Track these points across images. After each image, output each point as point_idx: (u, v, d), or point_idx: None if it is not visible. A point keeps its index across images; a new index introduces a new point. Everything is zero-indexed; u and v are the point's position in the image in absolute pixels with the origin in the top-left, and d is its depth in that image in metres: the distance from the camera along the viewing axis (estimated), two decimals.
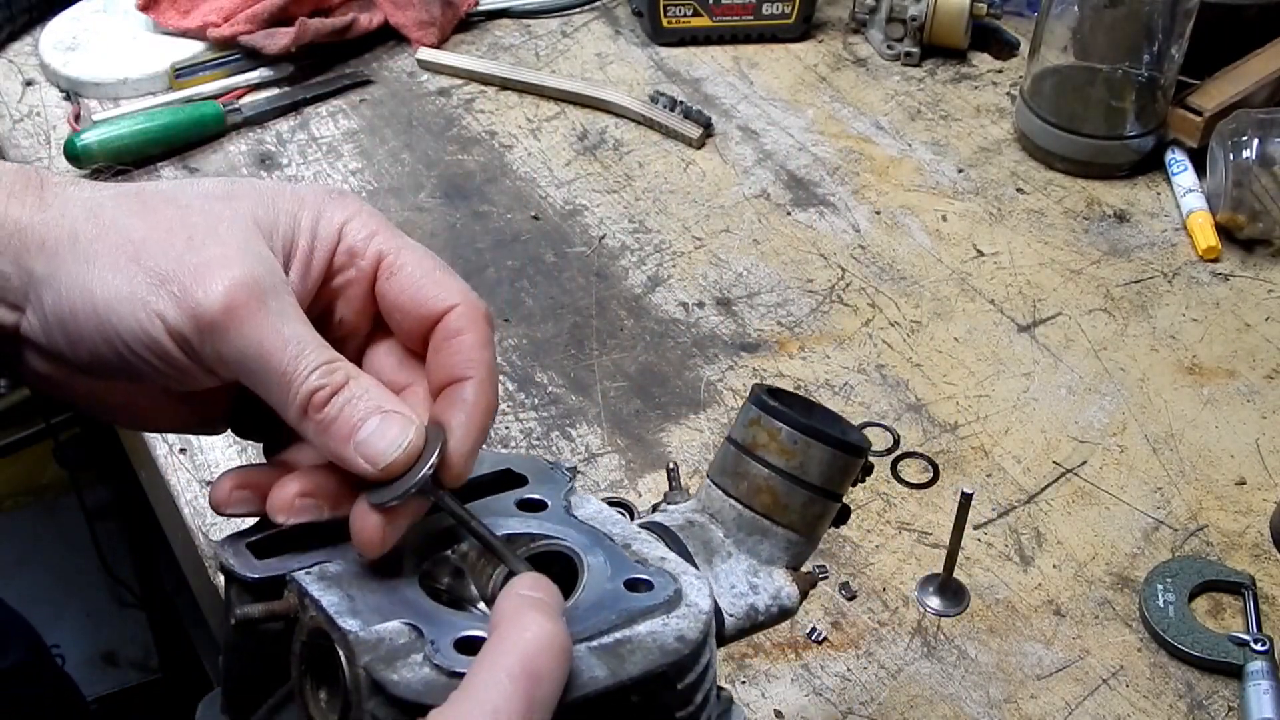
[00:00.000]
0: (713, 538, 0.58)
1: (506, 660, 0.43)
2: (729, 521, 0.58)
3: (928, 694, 0.75)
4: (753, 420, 0.58)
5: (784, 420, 0.57)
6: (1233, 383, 0.96)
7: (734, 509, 0.58)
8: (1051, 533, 0.85)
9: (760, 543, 0.58)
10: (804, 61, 1.30)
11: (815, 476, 0.57)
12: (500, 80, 1.25)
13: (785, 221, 1.10)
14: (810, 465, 0.57)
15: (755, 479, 0.58)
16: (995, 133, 1.20)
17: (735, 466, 0.58)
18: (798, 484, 0.57)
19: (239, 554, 0.51)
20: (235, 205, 0.51)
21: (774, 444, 0.57)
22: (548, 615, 0.45)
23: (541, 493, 0.56)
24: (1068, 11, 1.11)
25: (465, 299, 0.53)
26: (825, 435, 0.57)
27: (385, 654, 0.45)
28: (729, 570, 0.57)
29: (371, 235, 0.53)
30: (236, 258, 0.49)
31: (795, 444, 0.57)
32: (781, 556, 0.58)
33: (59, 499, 1.90)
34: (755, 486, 0.58)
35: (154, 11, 1.26)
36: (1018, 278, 1.04)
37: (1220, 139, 1.08)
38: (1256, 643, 0.76)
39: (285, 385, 0.49)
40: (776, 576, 0.58)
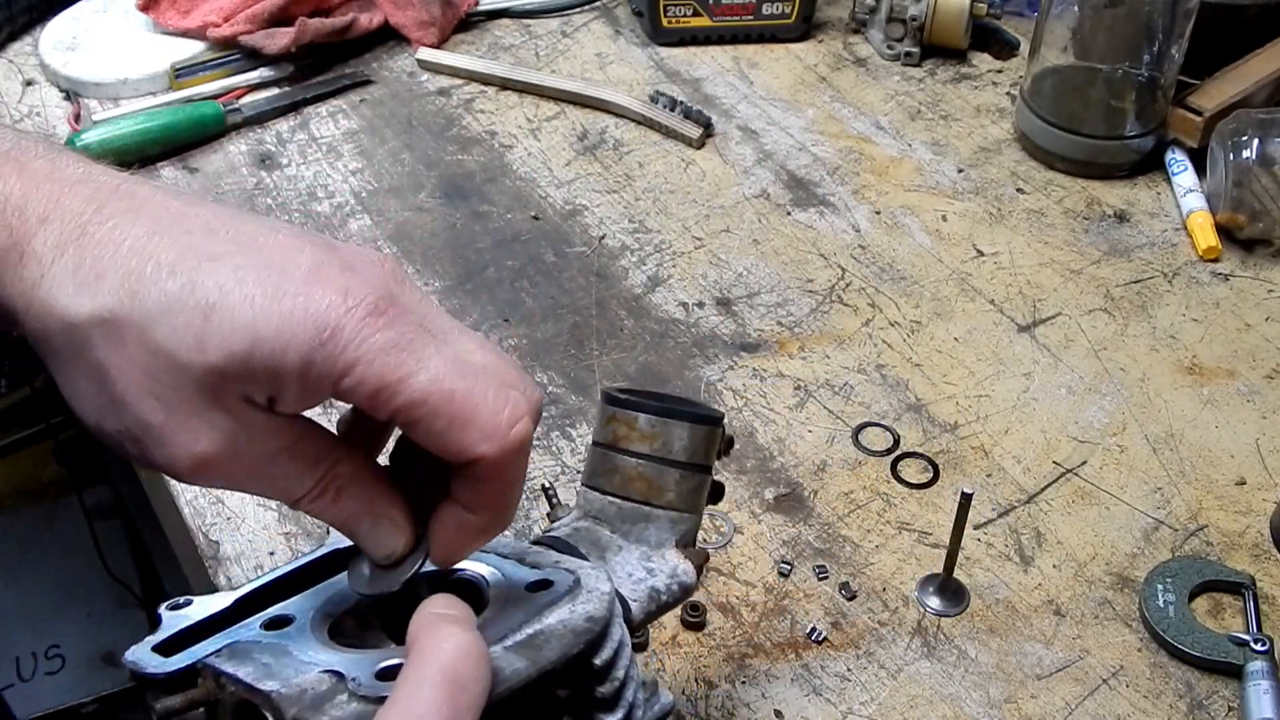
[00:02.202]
0: (600, 536, 0.60)
1: (428, 671, 0.44)
2: (611, 517, 0.61)
3: (928, 694, 0.75)
4: (610, 418, 0.61)
5: (637, 409, 0.60)
6: (1233, 383, 0.96)
7: (613, 504, 0.61)
8: (1051, 533, 0.85)
9: (645, 529, 0.60)
10: (804, 61, 1.30)
11: (680, 453, 0.60)
12: (500, 80, 1.25)
13: (785, 221, 1.10)
14: (672, 443, 0.60)
15: (625, 470, 0.60)
16: (995, 133, 1.20)
17: (604, 465, 0.61)
18: (665, 464, 0.60)
19: (145, 657, 0.51)
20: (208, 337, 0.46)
21: (634, 433, 0.60)
22: (461, 626, 0.46)
23: None
24: (1068, 11, 1.11)
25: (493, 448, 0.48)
26: (679, 412, 0.60)
27: (310, 702, 0.47)
28: (623, 561, 0.59)
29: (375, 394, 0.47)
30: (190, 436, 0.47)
31: (654, 427, 0.60)
32: (669, 537, 0.61)
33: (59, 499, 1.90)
34: (626, 477, 0.60)
35: (154, 11, 1.26)
36: (1018, 278, 1.04)
37: (1220, 139, 1.08)
38: (1256, 643, 0.76)
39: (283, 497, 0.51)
40: (669, 557, 0.61)
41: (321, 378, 0.47)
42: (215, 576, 0.81)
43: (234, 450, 0.48)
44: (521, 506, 0.85)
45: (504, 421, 0.48)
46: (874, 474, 0.88)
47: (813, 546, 0.83)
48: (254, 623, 0.52)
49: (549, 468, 0.88)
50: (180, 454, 0.48)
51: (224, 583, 0.80)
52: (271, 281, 0.46)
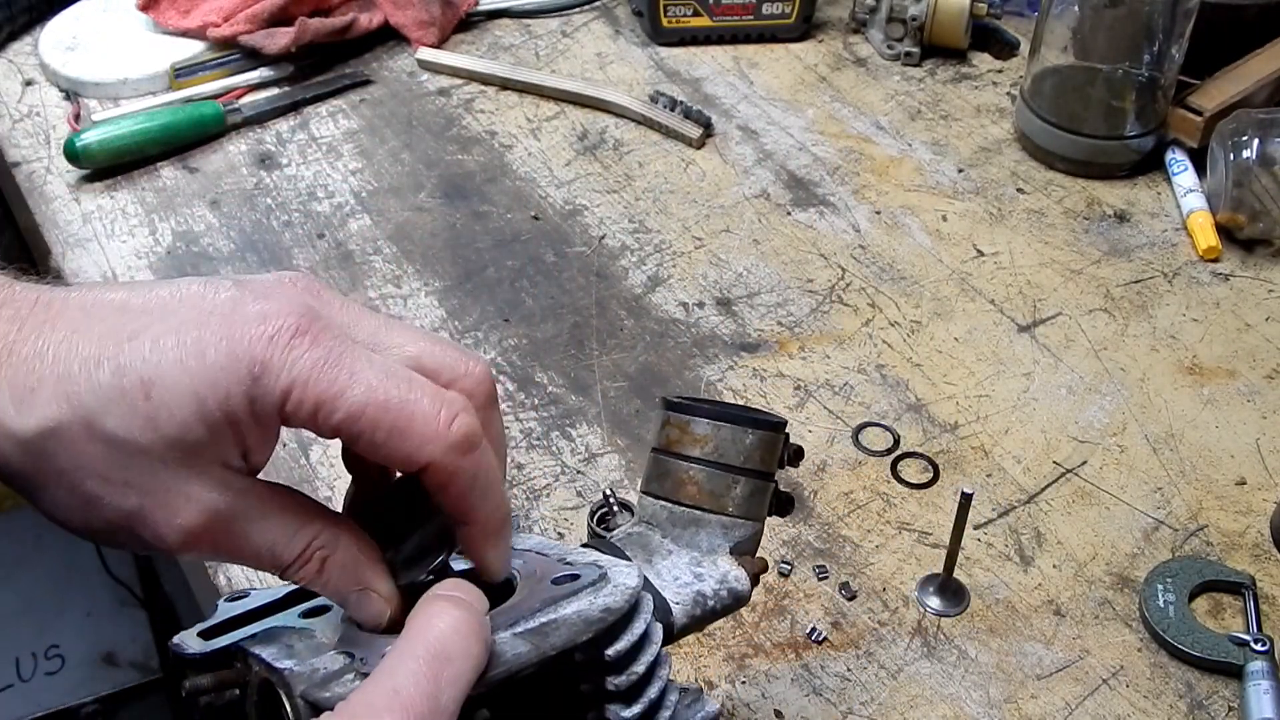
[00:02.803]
0: (651, 540, 0.59)
1: (414, 645, 0.45)
2: (663, 522, 0.60)
3: (928, 694, 0.75)
4: (665, 422, 0.60)
5: (691, 412, 0.59)
6: (1233, 383, 0.96)
7: (665, 508, 0.60)
8: (1051, 533, 0.85)
9: (697, 534, 0.59)
10: (804, 61, 1.30)
11: (733, 457, 0.59)
12: (500, 80, 1.25)
13: (785, 221, 1.10)
14: (725, 447, 0.59)
15: (678, 474, 0.59)
16: (995, 133, 1.20)
17: (658, 470, 0.60)
18: (718, 468, 0.59)
19: (189, 639, 0.53)
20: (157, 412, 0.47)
21: (687, 437, 0.59)
22: (458, 605, 0.46)
23: None
24: (1068, 11, 1.11)
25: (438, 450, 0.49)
26: (735, 416, 0.59)
27: (320, 680, 0.47)
28: (671, 565, 0.58)
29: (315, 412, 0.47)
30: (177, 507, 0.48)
31: (708, 431, 0.59)
32: (722, 543, 0.59)
33: None
34: (679, 481, 0.59)
35: (154, 11, 1.26)
36: (1018, 278, 1.04)
37: (1220, 139, 1.08)
38: (1256, 643, 0.76)
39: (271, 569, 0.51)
40: (721, 563, 0.59)
41: (267, 411, 0.47)
42: (215, 576, 0.81)
43: (218, 518, 0.48)
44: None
45: (442, 422, 0.48)
46: (874, 474, 0.88)
47: (813, 546, 0.83)
48: (294, 611, 0.54)
49: (549, 467, 0.88)
50: (167, 531, 0.48)
51: (224, 583, 0.80)
52: (192, 338, 0.47)
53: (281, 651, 0.50)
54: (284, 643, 0.51)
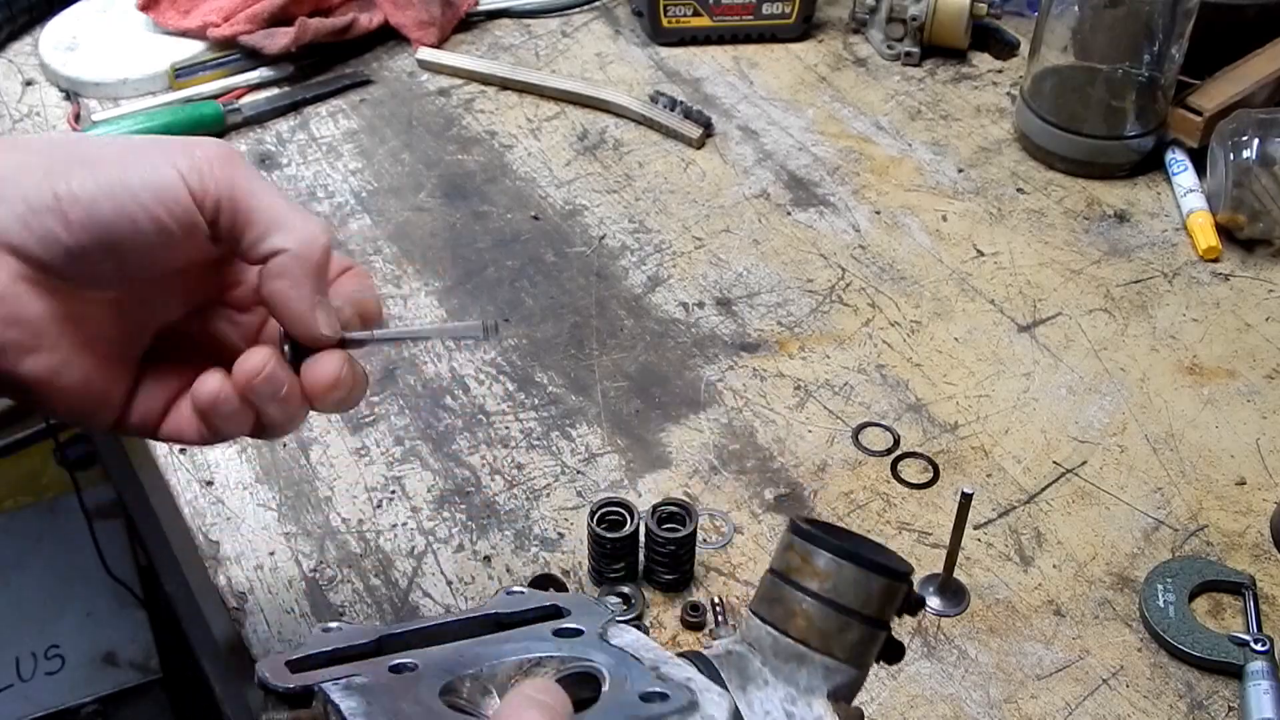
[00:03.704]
0: (750, 666, 0.57)
1: None
2: (766, 649, 0.57)
3: (928, 694, 0.75)
4: (788, 546, 0.57)
5: (817, 543, 0.56)
6: (1233, 383, 0.96)
7: (770, 635, 0.57)
8: (1051, 533, 0.85)
9: (798, 670, 0.56)
10: (804, 61, 1.30)
11: (851, 600, 0.56)
12: (500, 80, 1.25)
13: (785, 221, 1.10)
14: (845, 588, 0.56)
15: (790, 604, 0.56)
16: (995, 133, 1.20)
17: (772, 593, 0.57)
18: (833, 608, 0.56)
19: (274, 669, 0.53)
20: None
21: (808, 567, 0.56)
22: (543, 713, 0.46)
23: (579, 622, 0.57)
24: (1068, 11, 1.11)
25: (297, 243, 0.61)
26: (860, 558, 0.56)
27: None
28: (764, 698, 0.56)
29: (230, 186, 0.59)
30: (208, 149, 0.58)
31: (829, 567, 0.56)
32: (822, 685, 0.56)
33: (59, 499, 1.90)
34: (790, 611, 0.56)
35: (154, 11, 1.26)
36: (1018, 278, 1.04)
37: (1220, 139, 1.08)
38: (1256, 643, 0.76)
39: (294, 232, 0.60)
40: (816, 706, 0.56)
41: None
42: (215, 576, 0.81)
43: None
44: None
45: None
46: (874, 474, 0.88)
47: None
48: (383, 663, 0.53)
49: (549, 467, 0.88)
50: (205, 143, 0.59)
51: (224, 583, 0.81)
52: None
53: (360, 707, 0.50)
54: (364, 698, 0.50)
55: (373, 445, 0.90)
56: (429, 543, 0.83)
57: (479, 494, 0.86)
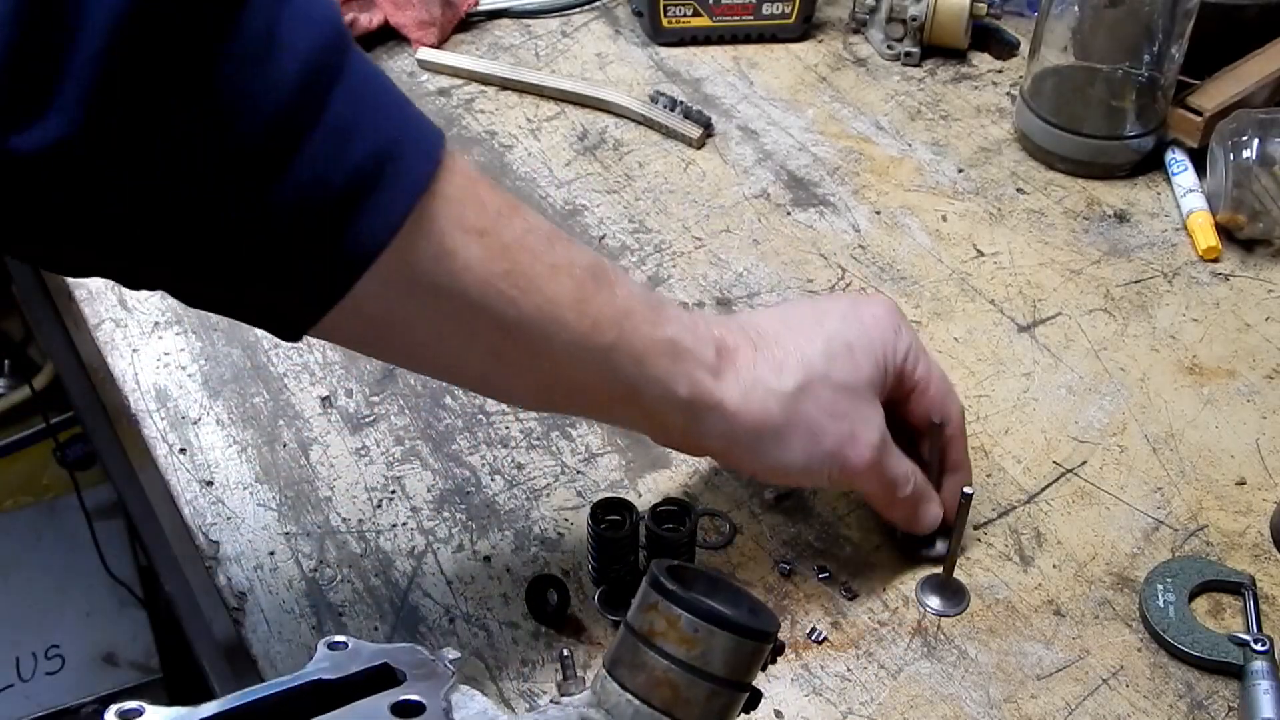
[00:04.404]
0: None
1: None
2: (626, 717, 0.53)
3: (928, 694, 0.75)
4: (649, 605, 0.53)
5: (683, 605, 0.52)
6: (1233, 383, 0.96)
7: (630, 704, 0.53)
8: (1051, 533, 0.85)
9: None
10: (804, 61, 1.30)
11: (719, 667, 0.53)
12: (500, 80, 1.25)
13: (785, 221, 1.10)
14: (713, 655, 0.52)
15: (653, 670, 0.53)
16: (995, 133, 1.20)
17: (632, 657, 0.53)
18: (700, 676, 0.52)
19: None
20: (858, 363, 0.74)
21: (673, 632, 0.52)
22: None
23: (419, 691, 0.51)
24: (1068, 11, 1.11)
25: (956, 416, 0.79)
26: (729, 622, 0.52)
27: None
28: None
29: (917, 362, 0.76)
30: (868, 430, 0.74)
31: (696, 632, 0.52)
32: None
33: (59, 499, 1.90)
34: (654, 679, 0.53)
35: None
36: (1018, 278, 1.04)
37: (1220, 139, 1.08)
38: (1256, 643, 0.76)
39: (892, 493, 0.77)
40: None
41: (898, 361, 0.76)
42: (215, 576, 0.81)
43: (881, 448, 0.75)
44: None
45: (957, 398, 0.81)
46: None
47: (813, 546, 0.83)
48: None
49: (549, 467, 0.88)
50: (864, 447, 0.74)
51: (224, 583, 0.81)
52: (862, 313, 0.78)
53: None
54: None
55: (373, 445, 0.90)
56: (429, 543, 0.83)
57: (479, 494, 0.86)
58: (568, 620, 0.78)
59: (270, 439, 0.90)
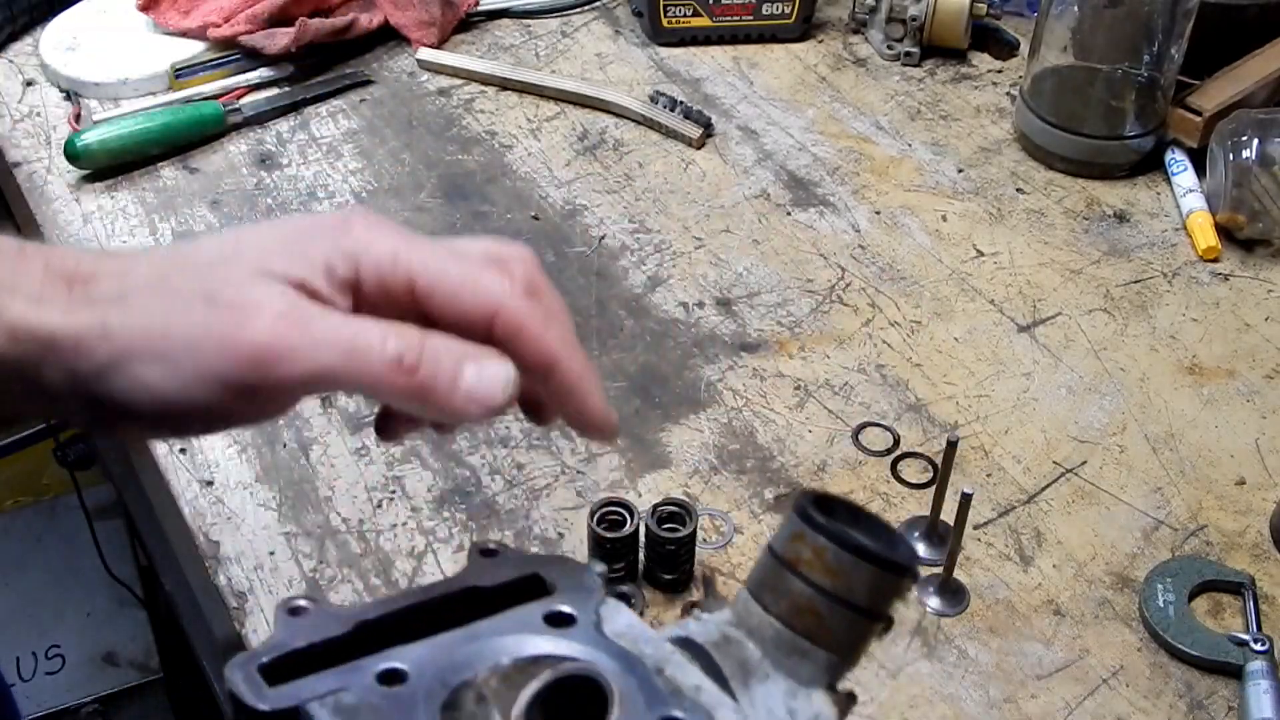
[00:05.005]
0: (749, 657, 0.55)
1: None
2: (767, 640, 0.54)
3: (928, 694, 0.75)
4: (796, 535, 0.54)
5: (830, 537, 0.53)
6: (1233, 383, 0.96)
7: (773, 627, 0.54)
8: (1051, 533, 0.85)
9: (800, 664, 0.54)
10: (804, 61, 1.30)
11: (862, 598, 0.53)
12: (500, 80, 1.25)
13: (785, 221, 1.10)
14: (857, 586, 0.53)
15: (797, 597, 0.54)
16: (995, 133, 1.20)
17: (776, 582, 0.54)
18: (843, 605, 0.53)
19: (250, 680, 0.48)
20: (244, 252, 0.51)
21: (819, 562, 0.53)
22: None
23: (570, 603, 0.53)
24: (1068, 11, 1.11)
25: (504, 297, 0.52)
26: (874, 555, 0.53)
27: None
28: (767, 694, 0.53)
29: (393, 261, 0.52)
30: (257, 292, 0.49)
31: (842, 563, 0.53)
32: (821, 678, 0.55)
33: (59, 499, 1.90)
34: (797, 605, 0.54)
35: (154, 11, 1.26)
36: (1018, 278, 1.05)
37: (1220, 139, 1.08)
38: (1256, 643, 0.76)
39: (364, 362, 0.48)
40: (815, 700, 0.54)
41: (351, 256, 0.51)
42: (215, 576, 0.81)
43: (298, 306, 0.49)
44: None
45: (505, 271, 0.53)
46: (874, 474, 0.88)
47: None
48: (367, 669, 0.48)
49: (549, 467, 0.88)
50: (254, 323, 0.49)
51: (224, 583, 0.81)
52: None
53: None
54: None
55: (372, 445, 0.90)
56: (429, 542, 0.83)
57: (479, 494, 0.86)
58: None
59: (270, 439, 0.90)
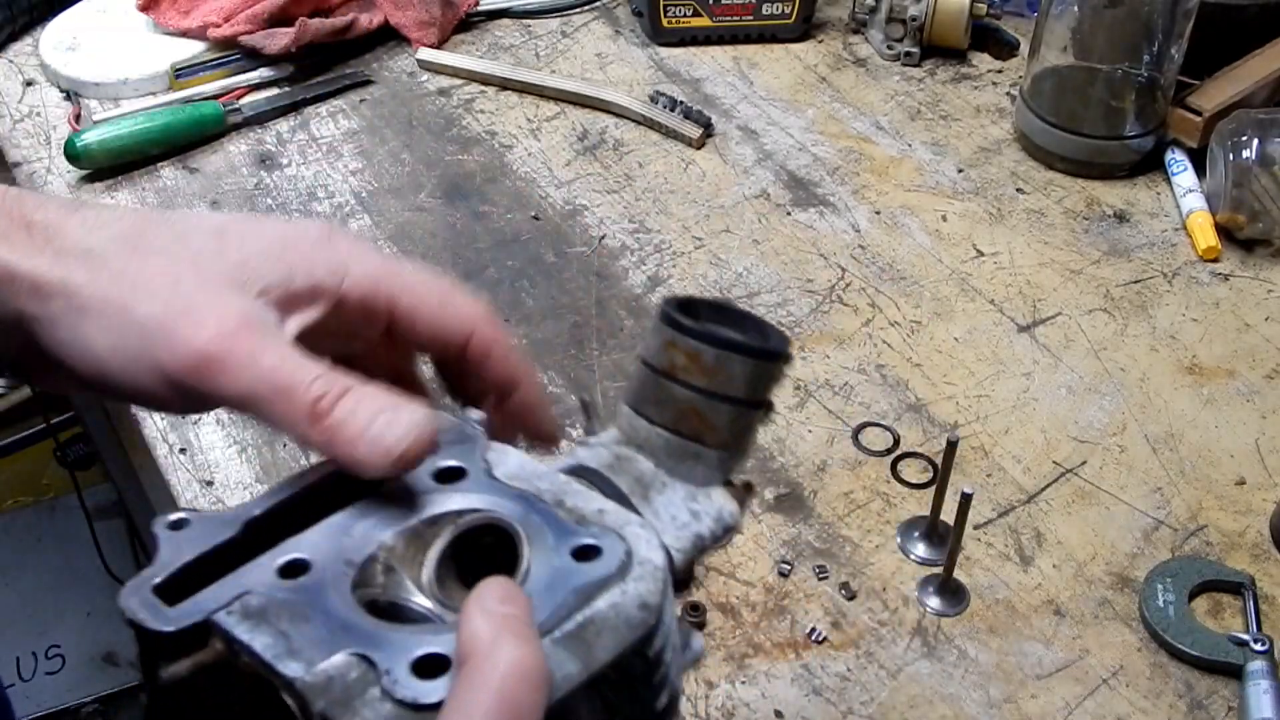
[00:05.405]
0: (644, 471, 0.55)
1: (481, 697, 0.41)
2: (658, 450, 0.55)
3: (928, 694, 0.75)
4: (668, 343, 0.54)
5: (701, 339, 0.54)
6: (1233, 383, 0.96)
7: (661, 437, 0.55)
8: (1051, 533, 0.85)
9: (694, 467, 0.55)
10: (804, 61, 1.30)
11: (741, 390, 0.54)
12: (500, 80, 1.25)
13: (785, 221, 1.10)
14: (736, 380, 0.54)
15: (680, 403, 0.54)
16: (995, 133, 1.20)
17: (656, 393, 0.55)
18: (726, 401, 0.54)
19: (147, 604, 0.46)
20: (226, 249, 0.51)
21: (695, 366, 0.54)
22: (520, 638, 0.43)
23: (456, 456, 0.51)
24: (1068, 11, 1.11)
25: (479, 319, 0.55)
26: (748, 348, 0.54)
27: (339, 696, 0.42)
28: (668, 502, 0.54)
29: (375, 281, 0.53)
30: (221, 299, 0.49)
31: (718, 362, 0.54)
32: (716, 475, 0.56)
33: (59, 499, 1.90)
34: (680, 411, 0.54)
35: (154, 11, 1.26)
36: (1018, 278, 1.05)
37: (1220, 139, 1.08)
38: (1256, 643, 0.76)
39: (287, 401, 0.48)
40: (715, 496, 0.56)
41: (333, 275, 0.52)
42: None
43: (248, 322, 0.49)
44: None
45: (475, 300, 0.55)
46: (874, 474, 0.88)
47: (813, 546, 0.83)
48: (268, 564, 0.47)
49: None
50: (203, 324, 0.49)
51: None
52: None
53: (277, 644, 0.44)
54: (274, 625, 0.44)
55: None
56: None
57: None
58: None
59: (270, 439, 0.90)
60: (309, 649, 0.43)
